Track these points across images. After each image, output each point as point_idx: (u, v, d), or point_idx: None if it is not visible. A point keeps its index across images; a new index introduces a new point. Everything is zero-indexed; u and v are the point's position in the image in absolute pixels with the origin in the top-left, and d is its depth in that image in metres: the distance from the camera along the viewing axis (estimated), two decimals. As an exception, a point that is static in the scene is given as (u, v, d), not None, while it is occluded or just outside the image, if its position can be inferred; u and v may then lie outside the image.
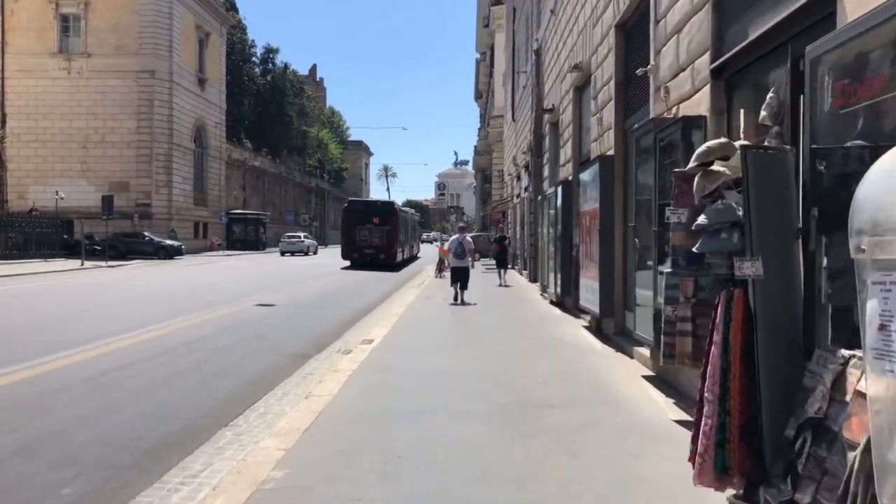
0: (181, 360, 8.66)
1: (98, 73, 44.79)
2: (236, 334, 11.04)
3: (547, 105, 16.29)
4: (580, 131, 13.10)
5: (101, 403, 6.56)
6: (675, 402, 6.18)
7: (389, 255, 31.43)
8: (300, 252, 46.76)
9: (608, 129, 9.86)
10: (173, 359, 8.79)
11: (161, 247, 40.26)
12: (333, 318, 13.46)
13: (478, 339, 9.95)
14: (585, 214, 10.56)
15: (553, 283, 14.21)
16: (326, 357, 9.25)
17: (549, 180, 16.93)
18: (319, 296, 17.88)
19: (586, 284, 10.48)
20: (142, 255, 38.98)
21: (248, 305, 15.03)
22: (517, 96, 27.43)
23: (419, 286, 20.58)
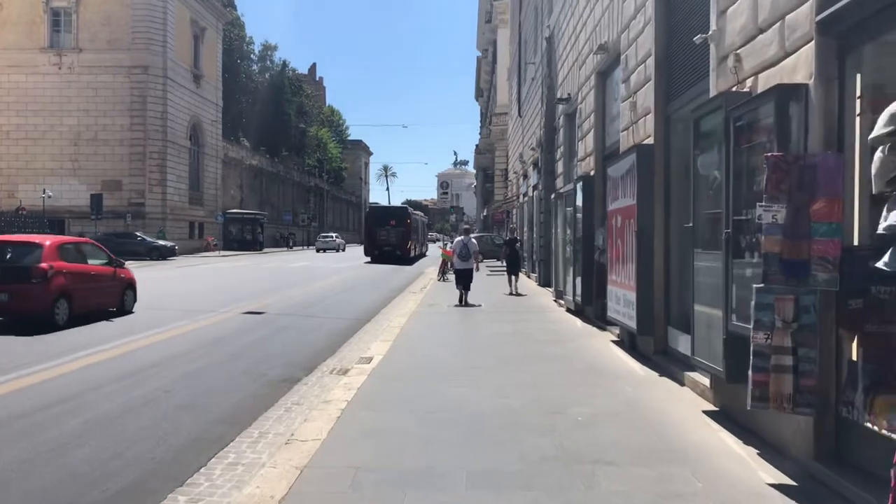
0: (139, 389, 7.27)
1: (89, 68, 43.42)
2: (215, 352, 9.66)
3: (561, 95, 14.92)
4: (604, 121, 11.73)
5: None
6: (759, 452, 4.81)
7: (404, 251, 37.19)
8: (332, 249, 54.54)
9: (645, 114, 8.49)
10: (130, 387, 7.39)
11: (154, 247, 38.85)
12: (328, 328, 12.09)
13: (494, 358, 8.57)
14: (616, 213, 9.18)
15: (571, 289, 12.83)
16: (317, 380, 7.87)
17: (563, 177, 15.56)
18: (315, 300, 16.51)
19: (617, 294, 9.10)
20: (134, 256, 37.55)
21: (234, 314, 13.66)
22: (524, 90, 26.06)
23: (421, 290, 19.21)
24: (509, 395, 6.56)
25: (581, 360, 8.33)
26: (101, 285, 13.06)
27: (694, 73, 7.09)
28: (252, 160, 63.28)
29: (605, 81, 11.75)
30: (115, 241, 38.77)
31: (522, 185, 26.88)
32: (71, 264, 12.25)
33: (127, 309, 13.70)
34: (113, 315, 12.99)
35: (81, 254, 13.14)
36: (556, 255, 15.35)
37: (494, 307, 14.38)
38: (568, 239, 13.41)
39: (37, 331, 10.80)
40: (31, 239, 13.06)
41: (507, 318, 12.50)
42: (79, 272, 12.34)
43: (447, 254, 23.94)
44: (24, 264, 11.57)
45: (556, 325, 11.67)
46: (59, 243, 12.66)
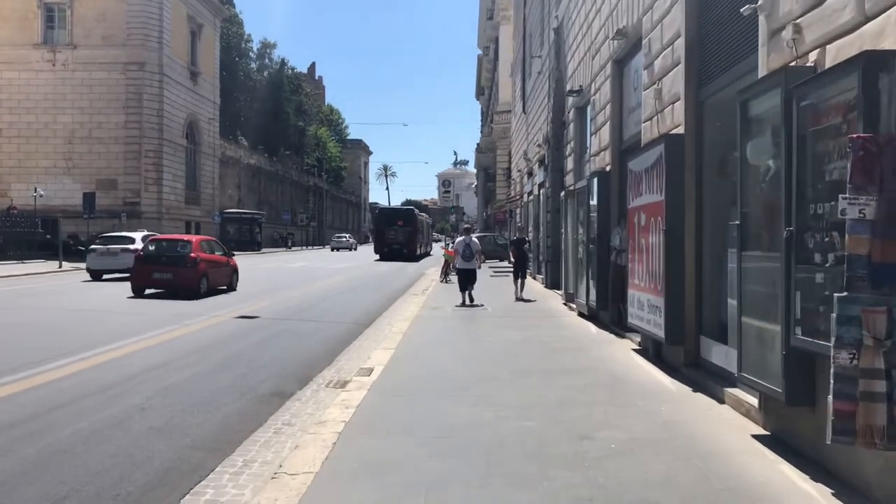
0: (111, 408, 6.48)
1: (84, 65, 42.64)
2: (201, 361, 8.88)
3: (572, 87, 14.15)
4: (621, 112, 10.96)
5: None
6: (833, 493, 4.04)
7: (411, 249, 40.51)
8: (346, 248, 59.88)
9: (673, 101, 7.71)
10: (101, 405, 6.60)
11: None
12: (326, 333, 11.33)
13: (507, 370, 7.79)
14: (639, 211, 8.41)
15: (584, 292, 12.06)
16: (312, 395, 7.10)
17: (573, 174, 14.80)
18: (313, 303, 15.74)
19: (640, 299, 8.33)
20: None
21: (226, 318, 12.88)
22: (529, 85, 25.30)
23: (423, 292, 18.45)
24: (529, 415, 5.79)
25: (603, 372, 7.55)
26: (221, 270, 18.51)
27: (735, 51, 6.31)
28: (250, 159, 62.50)
29: (622, 70, 10.98)
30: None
31: (527, 183, 26.11)
32: (207, 255, 17.93)
33: (233, 287, 18.96)
34: (225, 292, 18.18)
35: (211, 248, 18.79)
36: (565, 256, 14.58)
37: (501, 311, 13.61)
38: (580, 239, 12.64)
39: (188, 298, 16.19)
40: (183, 237, 20.80)
41: (517, 324, 11.72)
42: (211, 260, 18.00)
43: (450, 254, 23.19)
44: (181, 254, 17.22)
45: (569, 331, 10.89)
46: (201, 240, 18.65)
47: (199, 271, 17.05)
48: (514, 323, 11.87)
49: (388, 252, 39.81)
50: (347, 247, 60.74)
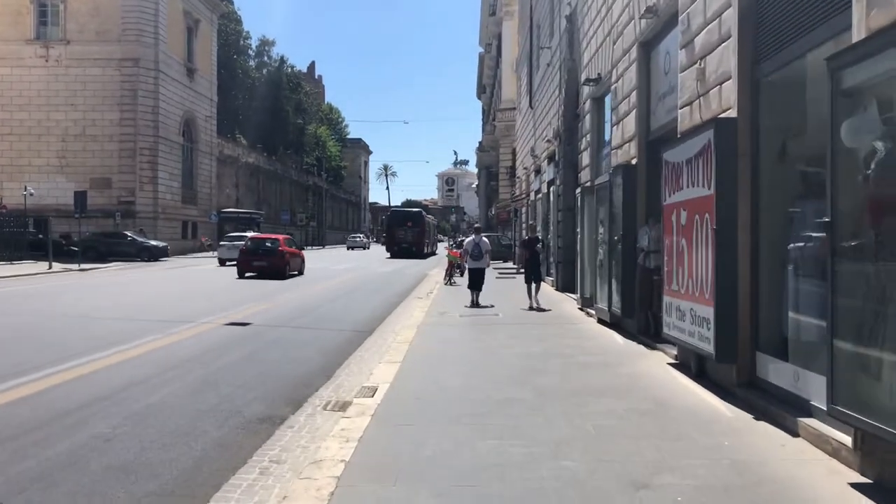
0: (68, 440, 5.48)
1: (78, 60, 41.70)
2: (182, 377, 7.88)
3: (589, 76, 13.14)
4: (648, 99, 9.97)
5: None
6: None
7: (419, 248, 44.47)
8: (360, 247, 65.41)
9: (721, 81, 6.72)
10: (58, 434, 5.61)
11: (144, 248, 37.06)
12: (324, 343, 10.33)
13: (530, 390, 6.80)
14: (678, 208, 7.41)
15: (606, 298, 11.07)
16: (307, 421, 6.10)
17: (589, 169, 13.80)
18: (311, 307, 14.74)
19: (680, 307, 7.33)
20: (124, 257, 35.78)
21: (215, 325, 11.88)
22: (536, 79, 24.30)
23: (428, 295, 17.46)
24: (566, 452, 4.79)
25: (643, 394, 6.54)
26: (296, 260, 25.76)
27: (806, 17, 5.32)
28: (248, 158, 61.50)
29: (649, 53, 9.98)
30: (104, 241, 37.07)
31: (534, 181, 25.11)
32: (288, 248, 25.27)
33: (302, 272, 25.79)
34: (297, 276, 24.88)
35: (291, 244, 26.57)
36: (581, 258, 13.58)
37: (514, 317, 12.61)
38: (600, 239, 11.64)
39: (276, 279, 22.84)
40: (273, 236, 27.57)
41: (533, 333, 10.72)
42: (291, 252, 25.31)
43: (454, 255, 22.19)
44: (273, 249, 24.61)
45: (592, 341, 9.89)
46: (285, 238, 26.51)
47: (285, 261, 24.36)
48: (529, 331, 10.86)
49: (398, 250, 43.23)
50: (362, 245, 67.07)
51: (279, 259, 24.12)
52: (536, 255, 14.65)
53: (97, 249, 35.52)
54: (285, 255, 24.41)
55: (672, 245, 7.64)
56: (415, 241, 44.19)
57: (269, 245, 24.99)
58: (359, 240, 69.48)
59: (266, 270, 23.53)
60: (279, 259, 24.12)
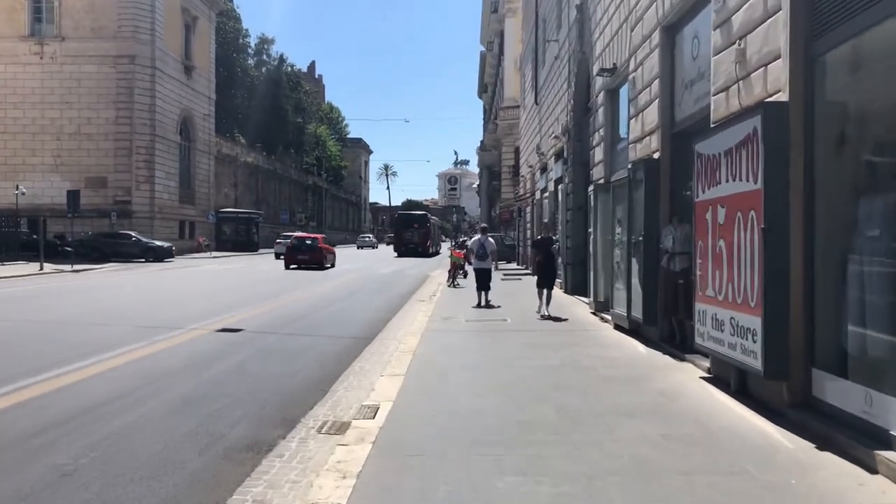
0: (18, 475, 4.70)
1: (73, 58, 41.01)
2: (162, 392, 7.11)
3: (602, 66, 12.37)
4: (672, 88, 9.19)
5: None
6: None
7: (424, 248, 47.44)
8: (369, 246, 70.32)
9: (768, 61, 5.95)
10: (8, 467, 4.85)
11: (149, 248, 36.44)
12: (321, 352, 9.56)
13: (553, 410, 6.03)
14: (715, 204, 6.65)
15: (624, 303, 10.30)
16: (297, 449, 5.33)
17: (602, 165, 13.03)
18: (308, 311, 13.97)
19: (717, 316, 6.56)
20: (128, 258, 35.15)
21: (205, 332, 11.12)
22: (542, 74, 23.53)
23: (430, 298, 16.70)
24: (604, 492, 4.03)
25: (681, 416, 5.77)
26: (330, 255, 31.12)
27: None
28: (247, 157, 60.78)
29: (673, 38, 9.21)
30: (107, 241, 36.44)
31: (540, 179, 24.35)
32: (324, 245, 30.81)
33: (334, 265, 31.13)
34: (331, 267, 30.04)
35: (326, 241, 32.36)
36: (595, 259, 12.82)
37: (524, 324, 11.84)
38: (617, 240, 10.87)
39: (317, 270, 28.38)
40: (313, 236, 33.39)
41: (547, 341, 9.95)
42: (327, 248, 30.91)
43: (458, 255, 21.44)
44: (313, 245, 30.31)
45: (612, 350, 9.11)
46: (322, 238, 32.44)
47: (322, 255, 30.25)
48: (542, 339, 10.09)
49: (405, 250, 46.43)
50: (371, 245, 72.30)
51: (317, 254, 30.05)
52: (551, 258, 13.17)
53: (101, 250, 35.15)
54: (322, 251, 30.39)
55: (707, 246, 6.87)
56: (420, 242, 46.96)
57: (308, 243, 31.06)
58: (368, 240, 75.04)
59: (307, 262, 29.48)
60: (317, 254, 30.05)
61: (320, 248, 30.38)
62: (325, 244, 31.37)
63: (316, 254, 29.90)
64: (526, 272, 27.32)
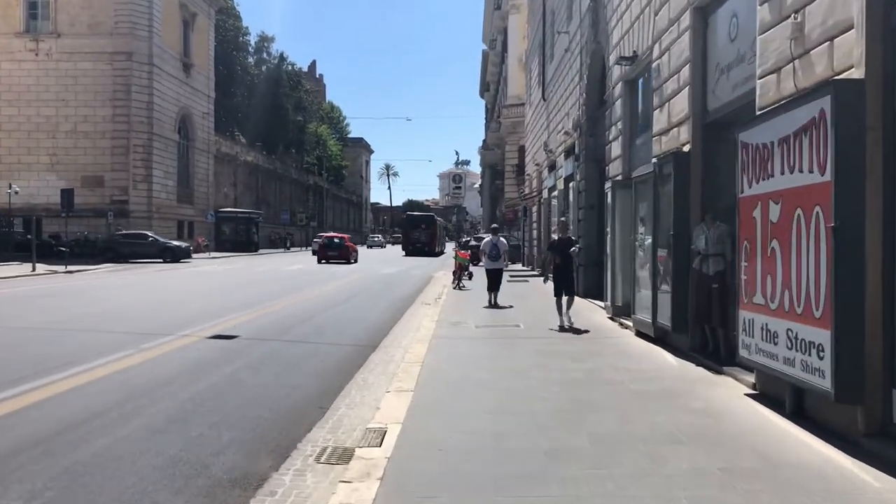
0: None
1: (69, 54, 40.29)
2: (142, 411, 6.32)
3: (622, 54, 11.60)
4: (705, 73, 8.43)
5: None
6: None
7: (431, 247, 49.74)
8: (378, 246, 74.18)
9: (835, 34, 5.19)
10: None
11: (166, 248, 35.95)
12: (321, 362, 8.79)
13: (584, 436, 5.27)
14: (765, 200, 5.88)
15: (648, 307, 9.53)
16: (292, 484, 4.55)
17: (621, 161, 12.27)
18: (308, 315, 13.18)
19: (771, 327, 5.80)
20: (145, 258, 34.66)
21: (197, 338, 10.35)
22: (550, 69, 22.78)
23: (436, 301, 15.93)
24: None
25: (736, 443, 5.00)
26: (354, 252, 37.04)
27: None
28: (247, 156, 60.04)
29: (706, 19, 8.44)
30: (124, 241, 36.04)
31: (548, 177, 23.59)
32: (349, 244, 37.25)
33: (357, 261, 36.41)
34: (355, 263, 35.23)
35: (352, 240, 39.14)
36: (612, 261, 12.05)
37: (538, 330, 11.07)
38: (641, 240, 10.10)
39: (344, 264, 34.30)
40: (340, 235, 40.70)
41: (565, 349, 9.18)
42: (351, 246, 37.31)
43: (464, 256, 20.70)
44: (341, 243, 37.07)
45: (639, 361, 8.34)
46: (348, 237, 39.59)
47: (348, 251, 36.24)
48: (560, 347, 9.31)
49: (412, 249, 49.11)
50: (380, 244, 75.74)
51: (345, 250, 36.43)
52: (570, 262, 11.56)
53: (117, 250, 34.84)
54: (348, 248, 36.80)
55: (755, 248, 6.10)
56: (427, 241, 49.56)
57: (336, 241, 37.55)
58: (377, 240, 79.31)
59: (336, 257, 35.77)
60: (345, 250, 36.43)
61: (346, 246, 36.65)
62: (350, 242, 37.65)
63: (343, 250, 36.27)
64: (532, 273, 26.57)
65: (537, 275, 25.45)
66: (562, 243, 11.73)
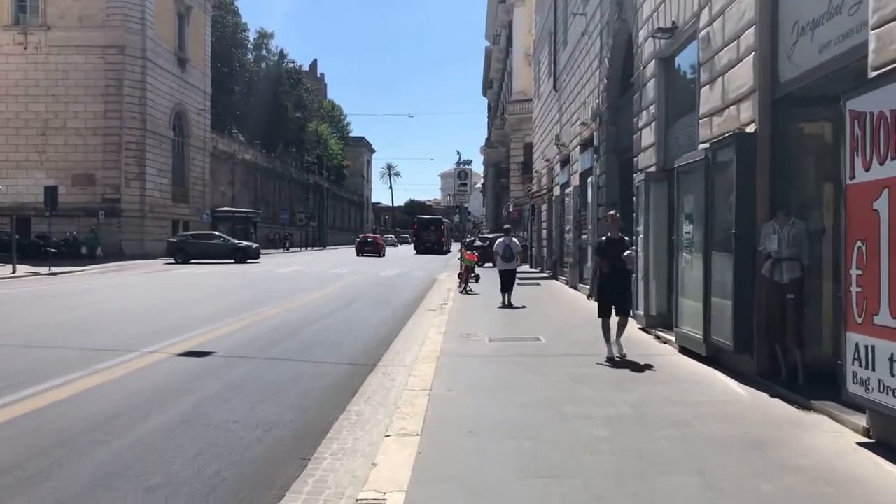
0: None
1: (59, 48, 38.75)
2: (66, 464, 4.79)
3: (657, 25, 10.06)
4: (774, 35, 6.90)
5: None
6: None
7: (439, 246, 54.45)
8: (392, 245, 74.85)
9: None
10: None
11: (238, 249, 35.60)
12: (304, 389, 7.25)
13: None
14: (893, 186, 4.36)
15: (696, 320, 8.01)
16: None
17: (655, 149, 10.74)
18: (297, 326, 11.65)
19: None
20: (216, 258, 34.41)
21: (164, 356, 8.83)
22: (563, 56, 21.25)
23: (442, 308, 14.43)
24: None
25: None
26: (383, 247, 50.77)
27: None
28: (245, 154, 58.53)
29: (776, -29, 6.92)
30: (193, 242, 35.45)
31: (560, 173, 22.06)
32: (380, 241, 52.04)
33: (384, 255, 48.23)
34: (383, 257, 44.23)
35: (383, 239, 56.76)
36: (646, 264, 10.52)
37: (563, 344, 9.55)
38: (687, 240, 8.57)
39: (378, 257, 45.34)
40: (373, 235, 59.02)
41: (603, 372, 7.66)
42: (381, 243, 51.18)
43: (471, 258, 19.21)
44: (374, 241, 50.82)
45: (695, 389, 6.80)
46: (380, 236, 62.94)
47: (381, 247, 48.92)
48: (595, 371, 7.78)
49: (423, 248, 53.73)
50: (392, 244, 76.74)
51: (377, 246, 48.43)
52: (623, 270, 8.43)
53: (186, 252, 34.46)
54: (380, 245, 49.01)
55: (876, 249, 4.58)
56: (436, 241, 54.58)
57: (370, 240, 50.03)
58: (390, 239, 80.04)
59: (371, 251, 46.87)
60: (377, 246, 48.43)
61: (378, 244, 49.50)
62: (380, 241, 50.87)
63: (376, 246, 48.59)
64: (542, 275, 25.03)
65: (548, 277, 23.94)
66: (612, 245, 8.47)
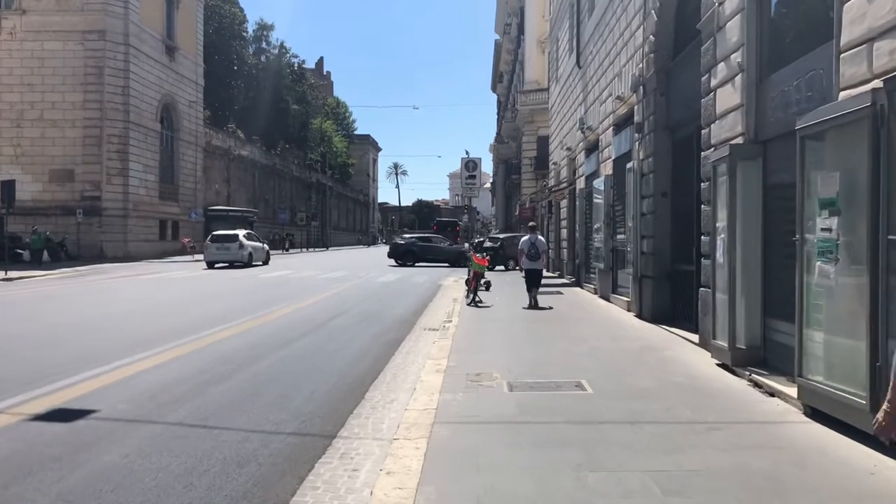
0: None
1: (35, 33, 36.00)
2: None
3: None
4: None
5: None
6: None
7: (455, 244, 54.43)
8: None
9: None
10: None
11: None
12: (198, 496, 4.22)
13: None
14: None
15: (865, 374, 4.93)
16: None
17: (740, 114, 7.65)
18: (260, 352, 8.64)
19: None
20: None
21: (14, 419, 5.81)
22: (590, 26, 18.17)
23: (444, 326, 11.42)
24: None
25: None
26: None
27: None
28: (242, 150, 55.63)
29: None
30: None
31: (584, 162, 18.95)
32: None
33: None
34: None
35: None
36: (729, 274, 7.43)
37: (620, 395, 6.48)
38: (823, 242, 5.44)
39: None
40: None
41: (705, 459, 4.59)
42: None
43: (481, 263, 16.14)
44: None
45: (816, 470, 3.73)
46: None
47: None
48: (691, 455, 4.72)
49: None
50: None
51: None
52: None
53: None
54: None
55: None
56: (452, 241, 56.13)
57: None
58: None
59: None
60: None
61: None
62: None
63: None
64: (562, 281, 21.93)
65: (570, 283, 20.85)
66: None
